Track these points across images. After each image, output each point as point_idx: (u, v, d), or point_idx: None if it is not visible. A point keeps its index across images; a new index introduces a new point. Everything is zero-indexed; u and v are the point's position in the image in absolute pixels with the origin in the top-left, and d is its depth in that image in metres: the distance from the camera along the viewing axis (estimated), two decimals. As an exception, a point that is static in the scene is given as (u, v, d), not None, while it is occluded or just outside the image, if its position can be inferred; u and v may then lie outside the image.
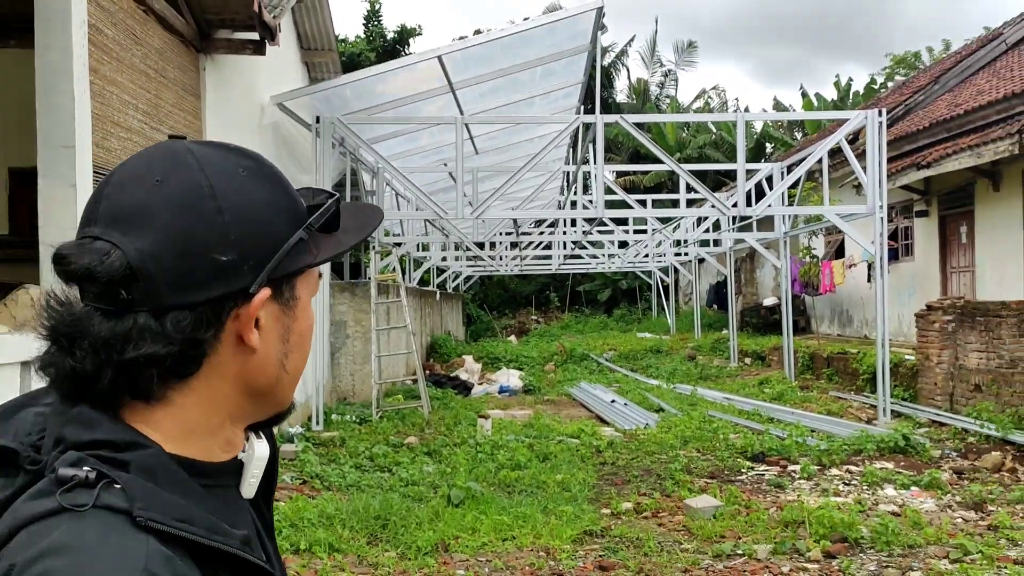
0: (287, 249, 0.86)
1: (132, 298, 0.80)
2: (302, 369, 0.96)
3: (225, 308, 0.84)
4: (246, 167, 0.87)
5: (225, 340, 0.86)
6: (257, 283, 0.85)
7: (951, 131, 14.93)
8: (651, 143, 11.43)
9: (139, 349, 0.80)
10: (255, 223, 0.85)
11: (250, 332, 0.86)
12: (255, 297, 0.85)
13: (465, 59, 11.11)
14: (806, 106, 30.85)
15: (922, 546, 5.86)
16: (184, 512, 0.78)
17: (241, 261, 0.83)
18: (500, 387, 15.40)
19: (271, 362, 0.90)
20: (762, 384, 14.57)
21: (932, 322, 11.31)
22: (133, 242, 0.80)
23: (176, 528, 0.76)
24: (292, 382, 0.95)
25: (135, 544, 0.72)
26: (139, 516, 0.74)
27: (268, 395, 0.92)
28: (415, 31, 27.74)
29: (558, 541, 6.04)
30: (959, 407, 10.78)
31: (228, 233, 0.82)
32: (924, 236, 16.29)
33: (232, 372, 0.87)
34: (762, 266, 23.37)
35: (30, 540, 0.72)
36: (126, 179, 0.84)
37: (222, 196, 0.83)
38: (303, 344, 0.94)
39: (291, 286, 0.91)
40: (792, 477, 8.14)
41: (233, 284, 0.83)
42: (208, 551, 0.78)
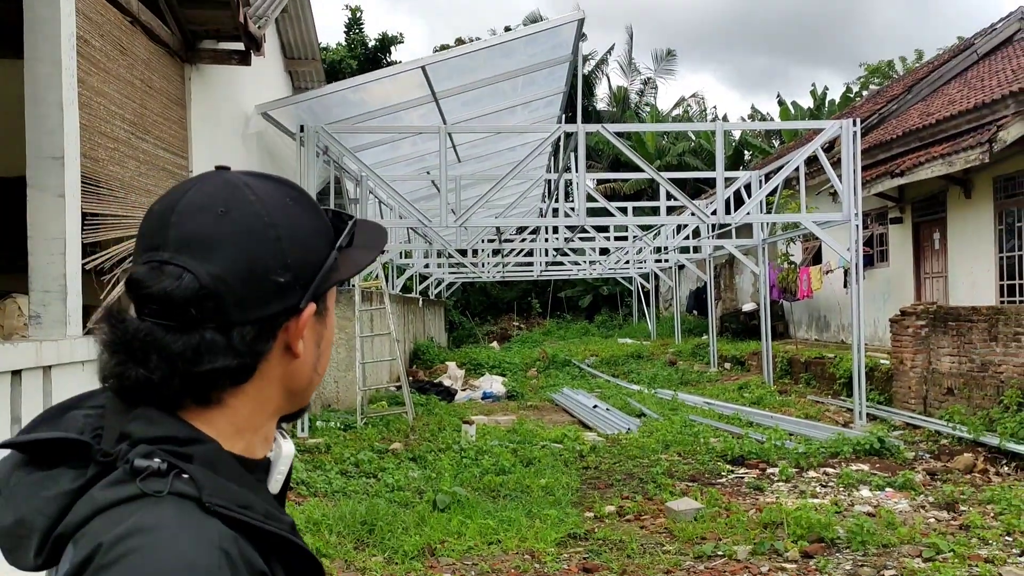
0: (328, 268, 0.98)
1: (201, 316, 0.88)
2: (327, 369, 1.09)
3: (279, 322, 0.95)
4: (292, 197, 0.98)
5: (276, 349, 0.96)
6: (306, 299, 0.96)
7: (923, 140, 15.22)
8: (631, 151, 11.60)
9: (213, 363, 0.89)
10: (305, 246, 0.96)
11: (298, 342, 0.97)
12: (304, 311, 0.96)
13: (448, 69, 11.23)
14: (783, 114, 31.23)
15: (896, 545, 6.02)
16: (244, 499, 0.87)
17: (295, 281, 0.94)
18: (483, 393, 15.49)
19: (308, 366, 1.01)
20: (741, 389, 14.76)
21: (906, 327, 11.54)
22: (204, 266, 0.88)
23: (239, 513, 0.85)
24: (317, 382, 1.06)
25: (208, 525, 0.82)
26: (208, 502, 0.83)
27: (301, 393, 1.03)
28: (396, 39, 27.85)
29: (542, 544, 6.15)
30: (933, 410, 11.00)
31: (285, 257, 0.93)
32: (899, 242, 16.58)
33: (278, 376, 0.98)
34: (741, 272, 23.64)
35: (113, 521, 0.81)
36: (191, 208, 0.92)
37: (279, 224, 0.93)
38: (328, 349, 1.07)
39: (324, 299, 1.02)
40: (771, 479, 8.30)
41: (288, 301, 0.94)
42: (262, 535, 0.87)
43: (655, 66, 37.31)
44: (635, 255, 21.96)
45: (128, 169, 6.51)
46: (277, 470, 1.03)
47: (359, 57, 26.49)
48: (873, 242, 17.52)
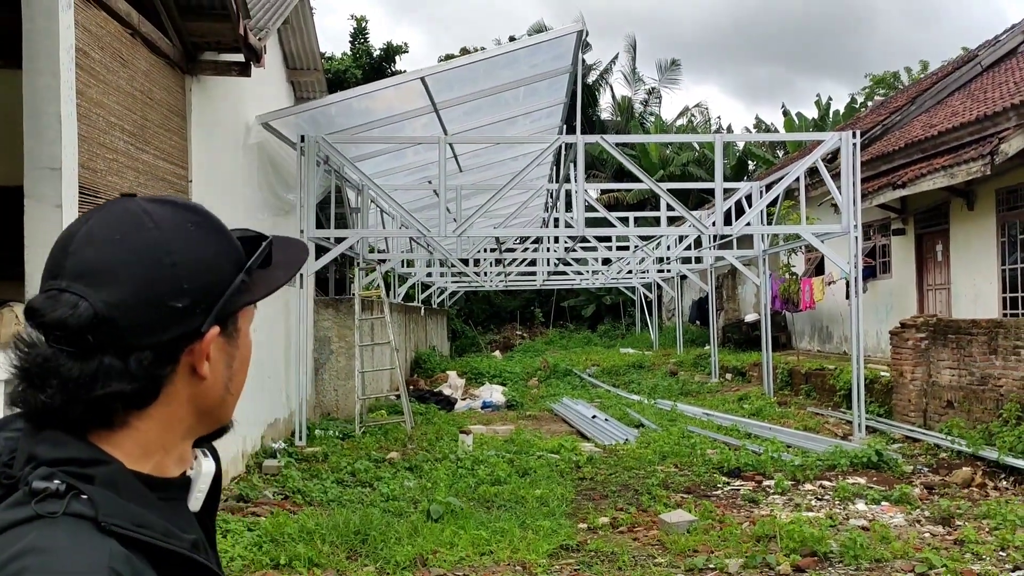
0: (232, 291, 1.00)
1: (98, 342, 0.91)
2: (242, 389, 1.09)
3: (180, 346, 0.97)
4: (194, 222, 1.00)
5: (180, 371, 0.98)
6: (208, 323, 0.98)
7: (926, 151, 15.22)
8: (630, 162, 11.63)
9: (107, 388, 0.91)
10: (204, 271, 0.97)
11: (202, 364, 0.99)
12: (206, 335, 0.98)
13: (448, 80, 11.28)
14: (787, 125, 31.24)
15: (889, 560, 6.01)
16: (142, 518, 0.90)
17: (194, 305, 0.96)
18: (483, 402, 15.51)
19: (218, 386, 1.03)
20: (741, 400, 14.74)
21: (906, 339, 11.53)
22: (99, 294, 0.91)
23: (135, 532, 0.87)
24: (235, 401, 1.08)
25: (100, 545, 0.84)
26: (103, 521, 0.85)
27: (214, 413, 1.05)
28: (401, 49, 27.99)
29: (534, 555, 6.16)
30: (932, 423, 10.97)
31: (182, 283, 0.95)
32: (901, 254, 16.56)
33: (185, 397, 1.00)
34: (744, 283, 23.62)
35: (8, 542, 0.83)
36: (89, 237, 0.95)
37: (176, 251, 0.96)
38: (244, 368, 1.08)
39: (234, 320, 1.04)
40: (767, 492, 8.29)
41: (188, 325, 0.96)
42: (162, 553, 0.90)
43: (659, 76, 37.38)
44: (637, 265, 21.98)
45: (127, 180, 6.56)
46: (197, 488, 1.05)
47: (364, 67, 26.61)
48: (876, 253, 17.51)
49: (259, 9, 9.59)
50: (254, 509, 7.53)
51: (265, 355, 10.01)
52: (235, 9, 7.45)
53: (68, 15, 5.53)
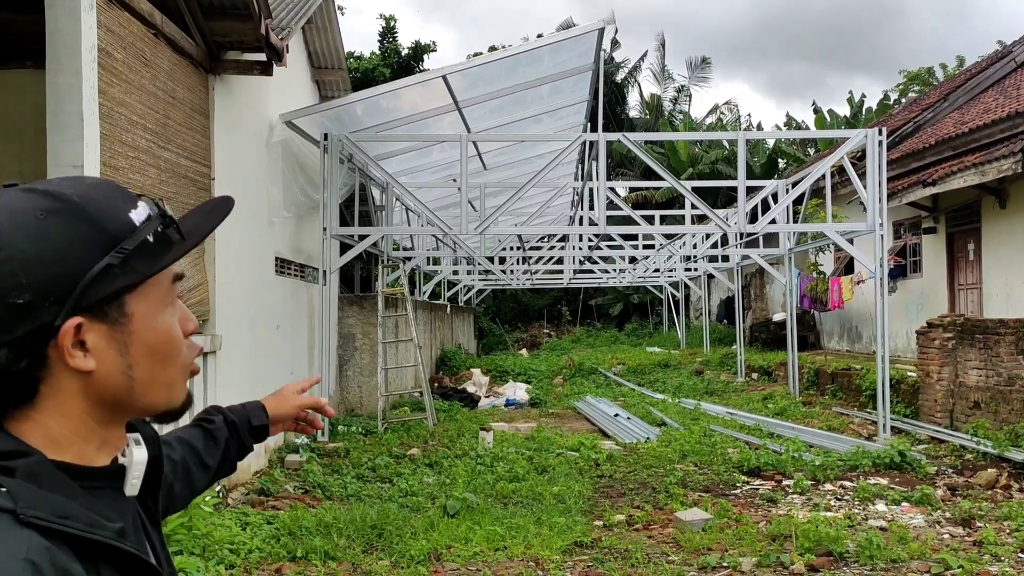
0: (90, 279, 0.94)
1: None
2: (165, 374, 1.05)
3: (37, 341, 0.93)
4: (46, 208, 0.94)
5: (56, 365, 0.96)
6: (61, 316, 0.93)
7: (957, 149, 14.99)
8: (653, 161, 11.59)
9: None
10: (50, 263, 0.92)
11: (70, 357, 0.95)
12: (61, 329, 0.93)
13: (471, 78, 11.32)
14: (819, 122, 30.91)
15: (905, 560, 5.95)
16: (64, 510, 0.89)
17: (40, 300, 0.92)
18: (507, 400, 15.55)
19: (114, 375, 0.99)
20: (766, 399, 14.63)
21: (932, 339, 11.37)
22: None
23: (56, 523, 0.87)
24: (152, 387, 1.03)
25: (18, 537, 0.83)
26: (22, 514, 0.85)
27: (126, 402, 1.02)
28: (429, 47, 28.10)
29: (548, 551, 6.18)
30: (959, 424, 10.82)
31: (19, 278, 0.91)
32: (932, 253, 16.33)
33: (76, 389, 0.97)
34: (772, 282, 23.41)
35: None
36: None
37: (10, 246, 0.92)
38: (153, 353, 1.02)
39: (118, 305, 0.98)
40: (786, 492, 8.23)
41: (36, 321, 0.92)
42: (87, 544, 0.90)
43: (689, 74, 37.17)
44: (664, 263, 21.88)
45: (149, 177, 6.68)
46: (132, 475, 1.05)
47: (392, 65, 26.76)
48: (906, 252, 17.27)
49: (282, 9, 9.70)
50: (274, 503, 7.63)
51: (288, 350, 10.13)
52: (257, 9, 7.55)
53: (91, 16, 5.64)
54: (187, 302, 7.17)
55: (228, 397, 7.71)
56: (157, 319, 1.03)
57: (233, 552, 5.90)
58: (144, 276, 0.99)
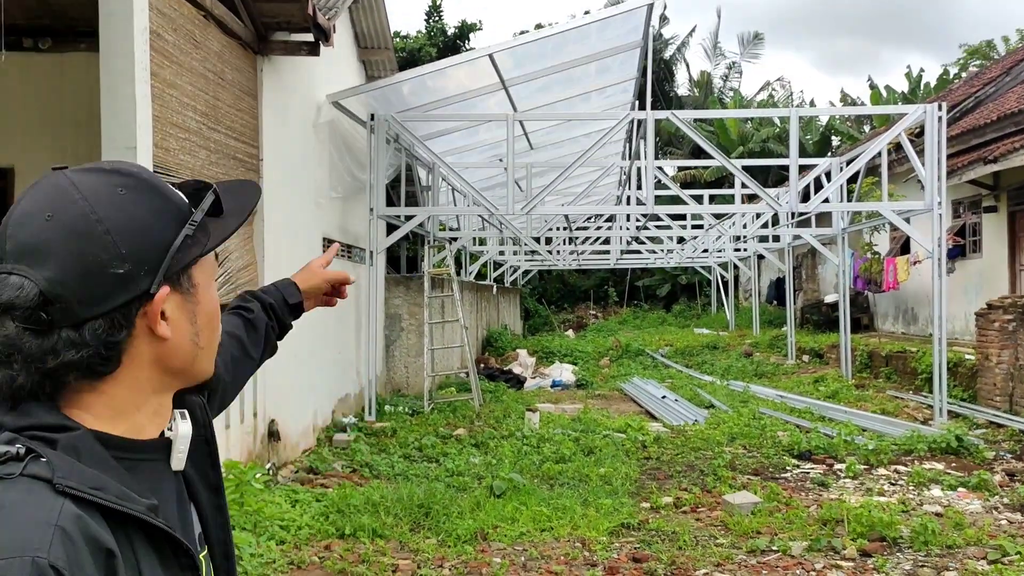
0: (175, 248, 1.01)
1: (52, 318, 0.94)
2: (216, 341, 1.13)
3: (132, 310, 0.99)
4: (123, 184, 1.00)
5: (138, 335, 1.01)
6: (155, 284, 0.99)
7: (1020, 125, 14.47)
8: (702, 139, 11.39)
9: (59, 358, 0.95)
10: (140, 233, 0.98)
11: (158, 325, 1.01)
12: (156, 296, 1.00)
13: (518, 56, 11.23)
14: (874, 98, 30.12)
15: (961, 547, 5.81)
16: (98, 481, 0.93)
17: (136, 269, 0.97)
18: (553, 381, 15.52)
19: (185, 343, 1.05)
20: (817, 382, 14.39)
21: (992, 321, 11.05)
22: (40, 272, 0.94)
23: (89, 494, 0.91)
24: (209, 355, 1.11)
25: (52, 505, 0.88)
26: (58, 483, 0.89)
27: (188, 369, 1.08)
28: (475, 27, 27.97)
29: (594, 532, 6.16)
30: (1019, 408, 10.51)
31: (119, 248, 0.96)
32: (992, 232, 15.83)
33: (150, 358, 1.03)
34: (824, 262, 22.96)
35: None
36: (22, 218, 0.98)
37: (106, 218, 0.97)
38: (211, 322, 1.10)
39: (188, 276, 1.05)
40: (837, 476, 8.09)
41: (134, 290, 0.98)
42: (119, 515, 0.93)
43: (741, 50, 36.48)
44: (713, 243, 21.60)
45: (199, 158, 6.75)
46: (177, 449, 1.09)
47: (438, 45, 26.71)
48: (965, 232, 16.78)
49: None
50: (323, 481, 7.73)
51: (333, 331, 10.22)
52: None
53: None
54: (237, 282, 7.26)
55: (273, 377, 7.81)
56: (211, 290, 1.10)
57: (283, 528, 5.99)
58: (211, 247, 1.06)
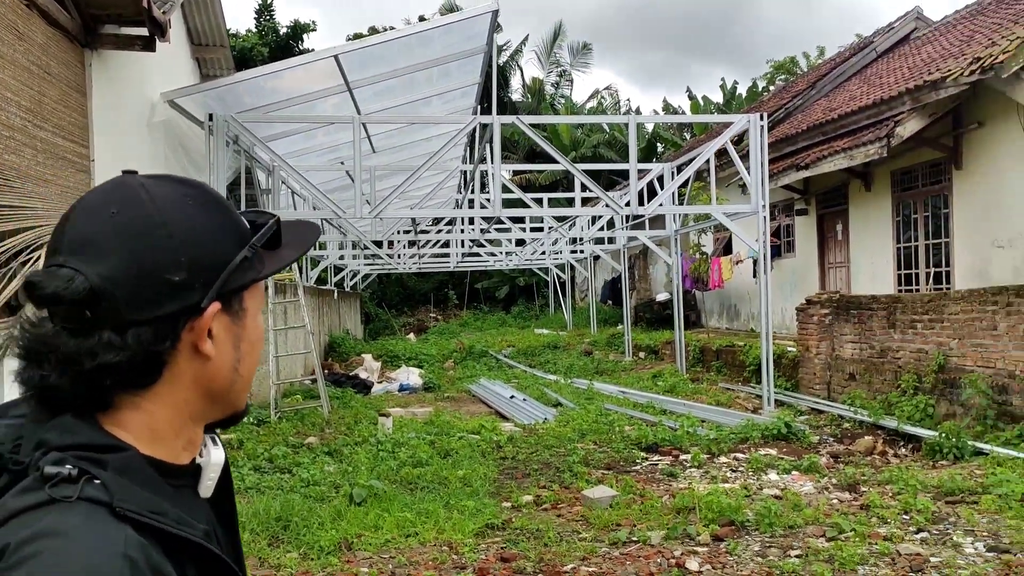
0: (233, 267, 0.98)
1: (96, 317, 0.90)
2: (254, 373, 1.08)
3: (180, 322, 0.95)
4: (192, 196, 0.98)
5: (182, 350, 0.96)
6: (208, 298, 0.96)
7: (827, 134, 15.75)
8: (547, 144, 11.67)
9: (96, 360, 0.89)
10: (202, 245, 0.96)
11: (204, 342, 0.97)
12: (206, 311, 0.96)
13: (362, 58, 11.07)
14: (694, 107, 31.92)
15: (801, 526, 6.25)
16: (157, 505, 0.89)
17: (192, 279, 0.94)
18: (400, 385, 15.40)
19: (226, 367, 1.01)
20: (655, 377, 15.06)
21: (811, 315, 11.97)
22: (94, 268, 0.90)
23: (149, 518, 0.86)
24: (245, 385, 1.06)
25: (115, 531, 0.83)
26: (118, 507, 0.85)
27: (224, 397, 1.04)
28: (309, 27, 27.33)
29: (460, 535, 6.17)
30: (836, 395, 11.45)
31: (178, 256, 0.93)
32: (804, 233, 17.16)
33: (190, 378, 0.98)
34: (655, 263, 24.08)
35: (23, 525, 0.82)
36: (85, 212, 0.94)
37: (171, 223, 0.94)
38: (254, 351, 1.06)
39: (239, 299, 1.02)
40: (684, 466, 8.50)
41: (186, 300, 0.94)
42: (175, 541, 0.89)
43: (571, 59, 37.61)
44: (551, 246, 22.14)
45: (25, 158, 6.22)
46: (207, 476, 1.05)
47: (270, 44, 25.89)
48: (780, 233, 18.08)
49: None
50: (168, 500, 7.29)
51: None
52: (138, -20, 7.12)
53: (-43, -18, 5.18)
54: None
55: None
56: (259, 319, 1.08)
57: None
58: (267, 274, 1.03)
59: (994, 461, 7.62)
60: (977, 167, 12.00)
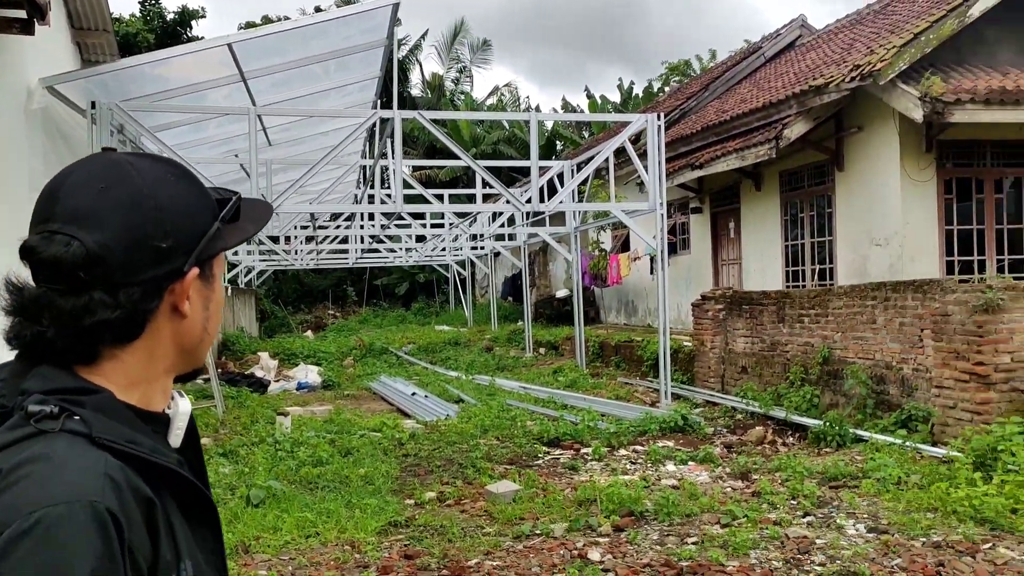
0: (210, 236, 1.10)
1: (90, 279, 1.00)
2: (216, 331, 1.21)
3: (164, 284, 1.06)
4: (172, 172, 1.10)
5: (163, 309, 1.08)
6: (189, 264, 1.08)
7: (719, 135, 16.26)
8: (448, 139, 11.63)
9: (95, 317, 1.00)
10: (185, 216, 1.08)
11: (184, 303, 1.09)
12: (188, 275, 1.08)
13: (257, 48, 10.76)
14: (592, 107, 32.42)
15: (698, 514, 6.44)
16: (132, 437, 0.99)
17: (177, 247, 1.06)
18: (298, 383, 15.09)
19: (197, 325, 1.13)
20: (556, 373, 15.23)
21: (706, 311, 12.34)
22: (91, 235, 1.00)
23: (125, 446, 0.97)
24: (209, 342, 1.19)
25: (95, 456, 0.94)
26: (97, 437, 0.95)
27: (194, 352, 1.16)
28: (198, 13, 26.42)
29: (363, 534, 6.08)
30: (730, 388, 11.84)
31: (165, 226, 1.05)
32: (699, 231, 17.68)
33: (167, 334, 1.10)
34: (555, 259, 24.36)
35: (12, 454, 0.93)
36: (76, 185, 1.04)
37: (159, 196, 1.05)
38: (218, 311, 1.19)
39: (210, 266, 1.15)
40: (585, 459, 8.63)
41: (171, 265, 1.06)
42: (151, 469, 0.99)
43: (471, 55, 37.62)
44: (451, 242, 22.10)
45: None
46: (176, 426, 1.15)
47: (156, 31, 24.92)
48: (676, 231, 18.58)
49: (42, -40, 8.69)
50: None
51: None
52: (15, -42, 6.71)
53: None
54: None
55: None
56: (220, 284, 1.20)
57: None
58: (235, 244, 1.15)
59: (873, 447, 8.03)
60: (857, 169, 12.62)
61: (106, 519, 0.88)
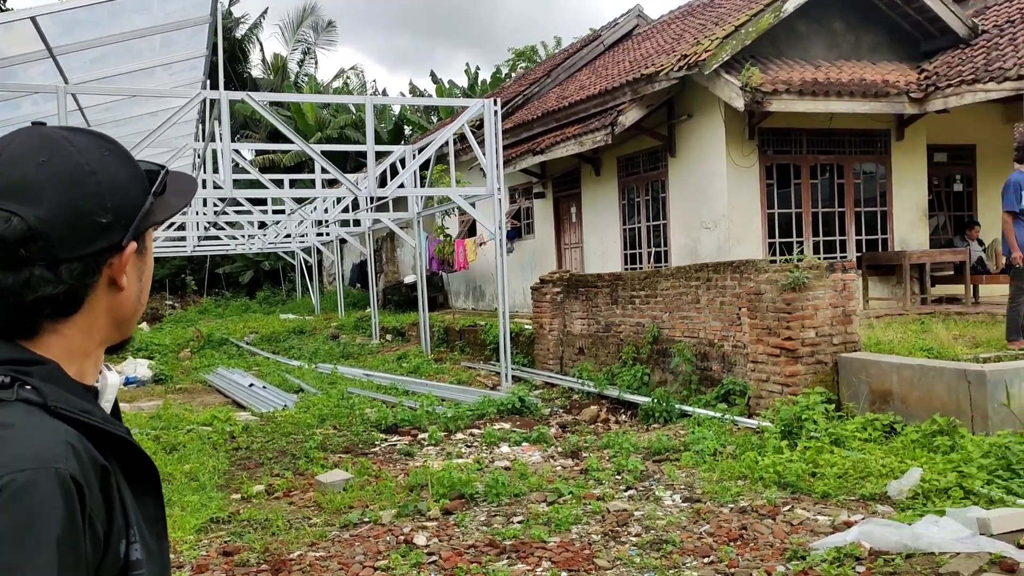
0: (146, 210, 1.11)
1: (29, 255, 1.00)
2: (146, 303, 1.23)
3: (103, 259, 1.07)
4: (108, 148, 1.11)
5: (101, 283, 1.09)
6: (127, 238, 1.09)
7: (560, 121, 16.57)
8: (282, 124, 11.29)
9: (36, 292, 1.01)
10: (123, 191, 1.09)
11: (122, 276, 1.10)
12: (126, 249, 1.09)
13: (67, 21, 10.06)
14: (439, 91, 32.33)
15: (526, 494, 6.56)
16: (83, 405, 1.02)
17: (116, 221, 1.07)
18: (127, 379, 14.31)
19: (132, 297, 1.15)
20: (400, 359, 15.15)
21: (544, 294, 12.58)
22: (30, 210, 0.99)
23: (80, 415, 0.99)
24: (140, 314, 1.21)
25: (54, 424, 0.96)
26: (52, 406, 0.97)
27: (127, 323, 1.17)
28: (13, -17, 24.40)
29: (181, 532, 5.84)
30: (568, 369, 12.13)
31: (105, 201, 1.06)
32: (542, 216, 17.98)
33: (104, 307, 1.11)
34: (402, 245, 24.17)
35: None
36: (12, 160, 1.03)
37: (98, 172, 1.06)
38: (149, 283, 1.21)
39: (143, 239, 1.16)
40: (421, 444, 8.62)
41: (110, 239, 1.07)
42: (101, 437, 1.00)
43: (315, 37, 36.66)
44: (296, 229, 21.54)
45: None
46: (104, 398, 1.15)
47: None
48: (521, 215, 18.83)
49: None
50: None
51: None
52: None
53: None
54: None
55: None
56: (151, 256, 1.21)
57: None
58: (163, 218, 1.16)
59: (695, 421, 8.43)
60: (688, 155, 13.17)
61: (70, 485, 0.91)
